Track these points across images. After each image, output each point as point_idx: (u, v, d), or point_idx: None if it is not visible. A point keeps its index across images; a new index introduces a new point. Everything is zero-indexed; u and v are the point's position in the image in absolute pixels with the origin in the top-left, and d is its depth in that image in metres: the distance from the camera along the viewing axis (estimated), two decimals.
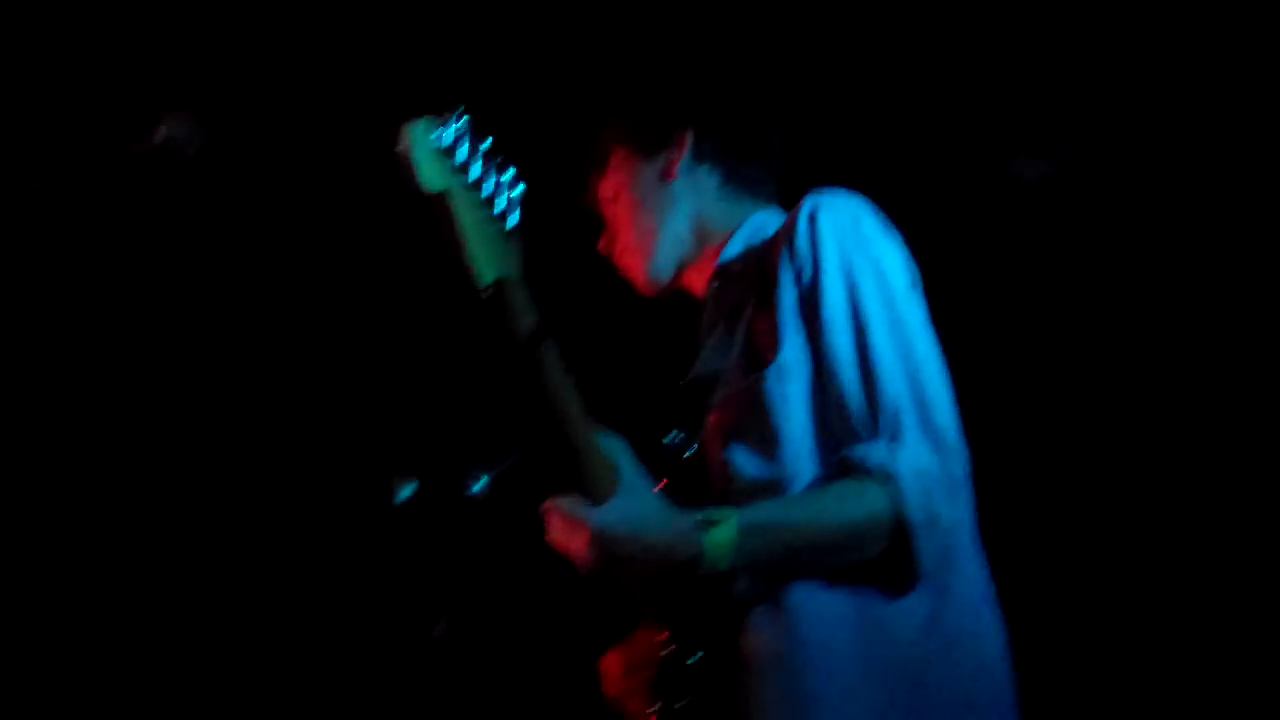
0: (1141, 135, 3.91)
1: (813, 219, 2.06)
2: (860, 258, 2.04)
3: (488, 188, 1.82)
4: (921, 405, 1.95)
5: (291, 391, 4.57)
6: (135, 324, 4.29)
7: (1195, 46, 3.64)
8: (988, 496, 2.05)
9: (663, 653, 2.00)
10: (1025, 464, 3.98)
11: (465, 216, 1.80)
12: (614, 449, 1.88)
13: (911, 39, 3.65)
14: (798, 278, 2.05)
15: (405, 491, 3.99)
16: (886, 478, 1.87)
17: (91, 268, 4.02)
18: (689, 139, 2.33)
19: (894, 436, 1.92)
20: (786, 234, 2.09)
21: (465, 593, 4.36)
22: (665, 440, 2.07)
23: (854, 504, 1.88)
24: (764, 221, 2.29)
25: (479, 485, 3.86)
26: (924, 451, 1.92)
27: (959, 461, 1.95)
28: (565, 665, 4.11)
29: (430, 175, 1.75)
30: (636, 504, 1.83)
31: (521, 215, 1.87)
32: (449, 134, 1.77)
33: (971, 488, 2.00)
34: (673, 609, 2.00)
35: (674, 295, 2.40)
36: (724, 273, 2.28)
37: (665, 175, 2.32)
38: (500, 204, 1.83)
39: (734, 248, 2.28)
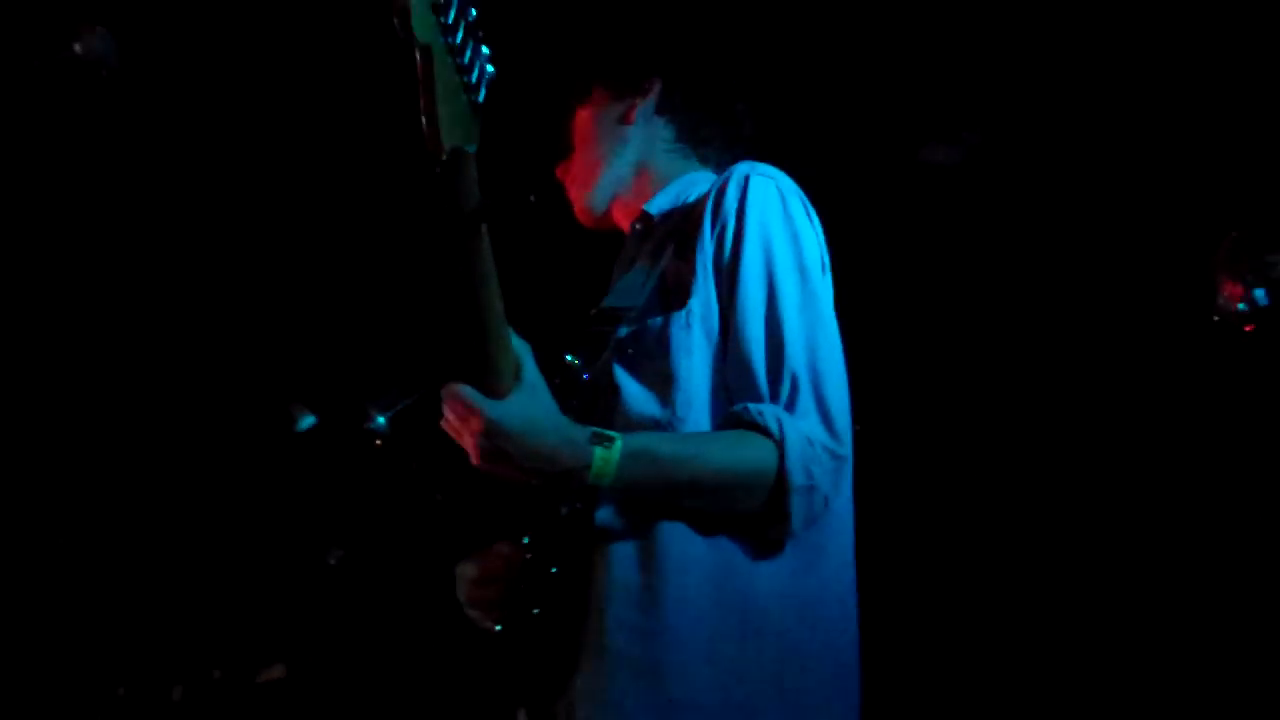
0: (1052, 124, 3.96)
1: (744, 186, 2.11)
2: (782, 232, 2.09)
3: (466, 56, 1.78)
4: (820, 382, 2.01)
5: (201, 314, 4.56)
6: (48, 241, 4.25)
7: (1105, 33, 3.68)
8: (882, 473, 2.09)
9: (522, 561, 2.02)
10: (909, 441, 4.05)
11: (440, 76, 1.75)
12: (521, 350, 1.86)
13: (825, 22, 3.68)
14: (720, 236, 2.10)
15: (305, 422, 4.04)
16: (776, 437, 1.92)
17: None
18: (654, 90, 2.41)
19: (790, 404, 1.98)
20: (716, 194, 2.14)
21: (361, 523, 4.42)
22: (565, 360, 2.09)
23: (740, 452, 1.92)
24: (696, 179, 2.36)
25: (380, 421, 3.93)
26: (815, 424, 1.97)
27: (846, 443, 2.00)
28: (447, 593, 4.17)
29: (420, 25, 1.69)
30: (535, 405, 1.82)
31: (487, 95, 1.82)
32: None
33: (851, 472, 2.06)
34: (539, 519, 2.02)
35: (603, 229, 2.47)
36: (647, 217, 2.34)
37: (624, 119, 2.40)
38: (474, 75, 1.80)
39: (664, 198, 2.35)
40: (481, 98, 1.80)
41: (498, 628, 2.04)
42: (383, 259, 4.53)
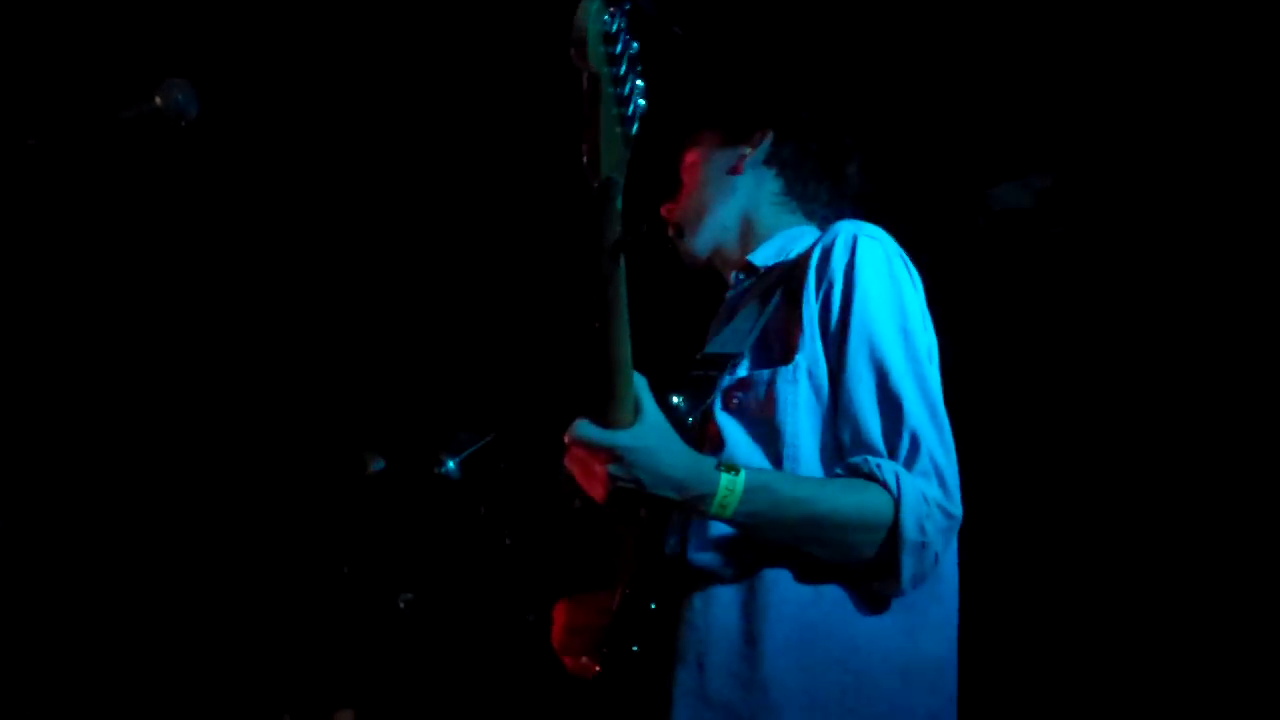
0: (1119, 165, 3.94)
1: (852, 247, 2.14)
2: (891, 294, 2.12)
3: (627, 87, 1.83)
4: (936, 443, 2.03)
5: (271, 364, 4.61)
6: (124, 290, 4.33)
7: (1175, 80, 3.67)
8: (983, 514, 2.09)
9: (620, 600, 2.04)
10: (1012, 501, 4.02)
11: (604, 106, 1.80)
12: (639, 384, 1.91)
13: (889, 64, 3.69)
14: (827, 295, 2.12)
15: (376, 466, 4.07)
16: (894, 491, 1.94)
17: (82, 229, 4.06)
18: (765, 141, 2.45)
19: (909, 463, 2.00)
20: (822, 251, 2.17)
21: (432, 567, 4.43)
22: (670, 402, 2.10)
23: (859, 498, 1.94)
24: (800, 234, 2.39)
25: (451, 464, 3.95)
26: (931, 484, 1.99)
27: (958, 503, 2.01)
28: (527, 641, 4.17)
29: (594, 53, 1.74)
30: (664, 432, 1.88)
31: (639, 128, 1.88)
32: (619, 21, 1.77)
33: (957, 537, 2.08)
34: (640, 558, 2.04)
35: (705, 274, 2.50)
36: (751, 268, 2.37)
37: (734, 168, 2.45)
38: (630, 108, 1.84)
39: (768, 249, 2.38)
40: (635, 130, 1.85)
41: (597, 668, 2.04)
42: (453, 303, 4.57)
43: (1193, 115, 3.73)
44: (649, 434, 1.86)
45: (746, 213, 2.43)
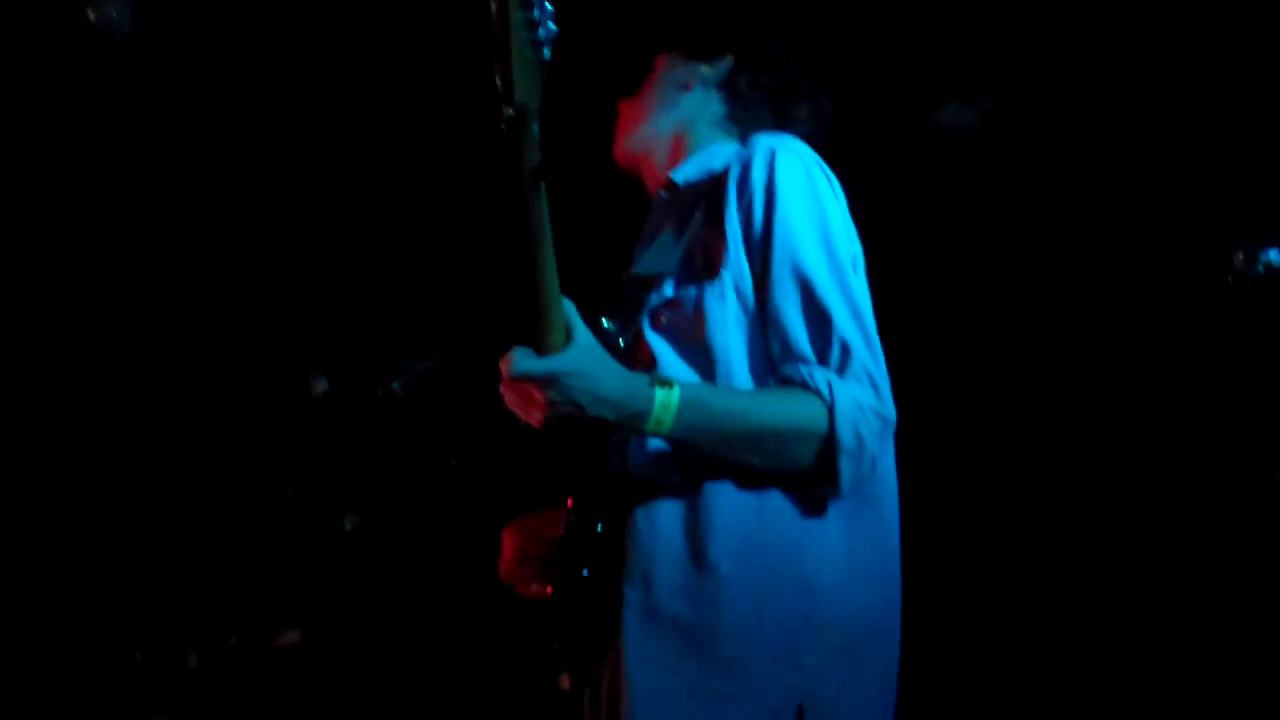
0: (1069, 87, 3.94)
1: (770, 161, 2.14)
2: (812, 206, 2.12)
3: (535, 11, 1.83)
4: (866, 349, 2.05)
5: (214, 285, 4.56)
6: (60, 210, 4.26)
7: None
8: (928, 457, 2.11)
9: (566, 525, 2.06)
10: (937, 418, 4.04)
11: (514, 31, 1.81)
12: (569, 309, 1.92)
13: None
14: (748, 207, 2.12)
15: (320, 387, 4.05)
16: (826, 399, 1.96)
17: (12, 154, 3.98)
18: (723, 65, 2.44)
19: (840, 369, 2.01)
20: (742, 167, 2.17)
21: (378, 489, 4.43)
22: (601, 324, 2.10)
23: (792, 407, 1.96)
24: (721, 150, 2.37)
25: (395, 386, 3.94)
26: (864, 389, 2.01)
27: (891, 407, 2.04)
28: (474, 561, 4.18)
29: None
30: (596, 354, 1.90)
31: (551, 54, 1.87)
32: None
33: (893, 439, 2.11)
34: (583, 479, 2.06)
35: (631, 179, 2.50)
36: (673, 185, 2.36)
37: (685, 84, 2.44)
38: (541, 31, 1.84)
39: (690, 167, 2.37)
40: (548, 55, 1.84)
41: (549, 591, 2.06)
42: (400, 223, 4.53)
43: (1139, 31, 3.73)
44: (582, 357, 1.87)
45: (682, 127, 2.42)
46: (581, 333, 1.90)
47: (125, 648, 4.53)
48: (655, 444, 2.02)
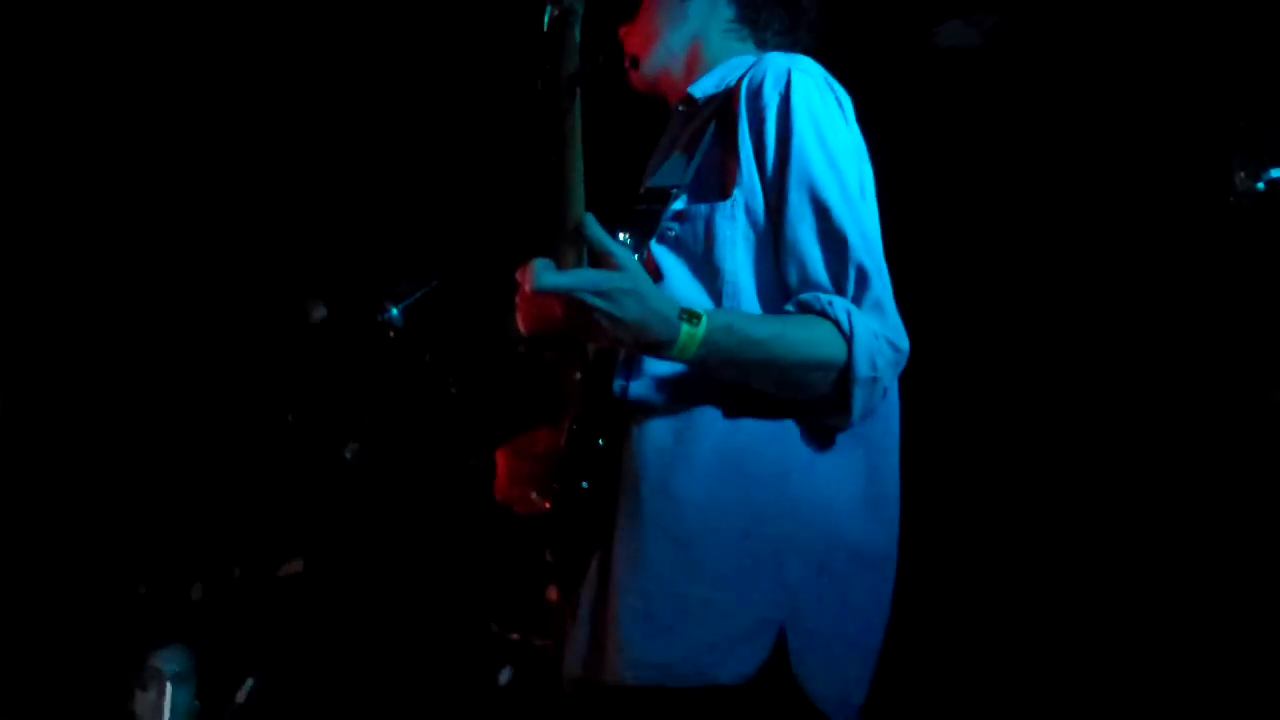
0: (1075, 6, 3.90)
1: (786, 78, 2.10)
2: (828, 128, 2.09)
3: None
4: (880, 277, 2.03)
5: (211, 215, 4.55)
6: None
7: None
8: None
9: (568, 438, 2.03)
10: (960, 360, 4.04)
11: None
12: (591, 223, 1.88)
13: None
14: (761, 128, 2.09)
15: (319, 315, 4.04)
16: (845, 329, 1.94)
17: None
18: None
19: (857, 298, 2.00)
20: (753, 85, 2.13)
21: (378, 416, 4.43)
22: (618, 238, 2.04)
23: (812, 336, 1.94)
24: (741, 63, 2.31)
25: (394, 312, 3.92)
26: (880, 319, 2.00)
27: (905, 340, 2.02)
28: (473, 486, 4.19)
29: None
30: (642, 272, 1.87)
31: None
32: None
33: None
34: (587, 397, 2.04)
35: (652, 99, 2.46)
36: (691, 100, 2.32)
37: None
38: None
39: (708, 80, 2.32)
40: None
41: (547, 505, 2.05)
42: (396, 147, 4.50)
43: None
44: (629, 273, 1.84)
45: (696, 39, 2.38)
46: (624, 253, 1.86)
47: (129, 580, 4.56)
48: (660, 368, 2.01)
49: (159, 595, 4.61)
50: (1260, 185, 3.53)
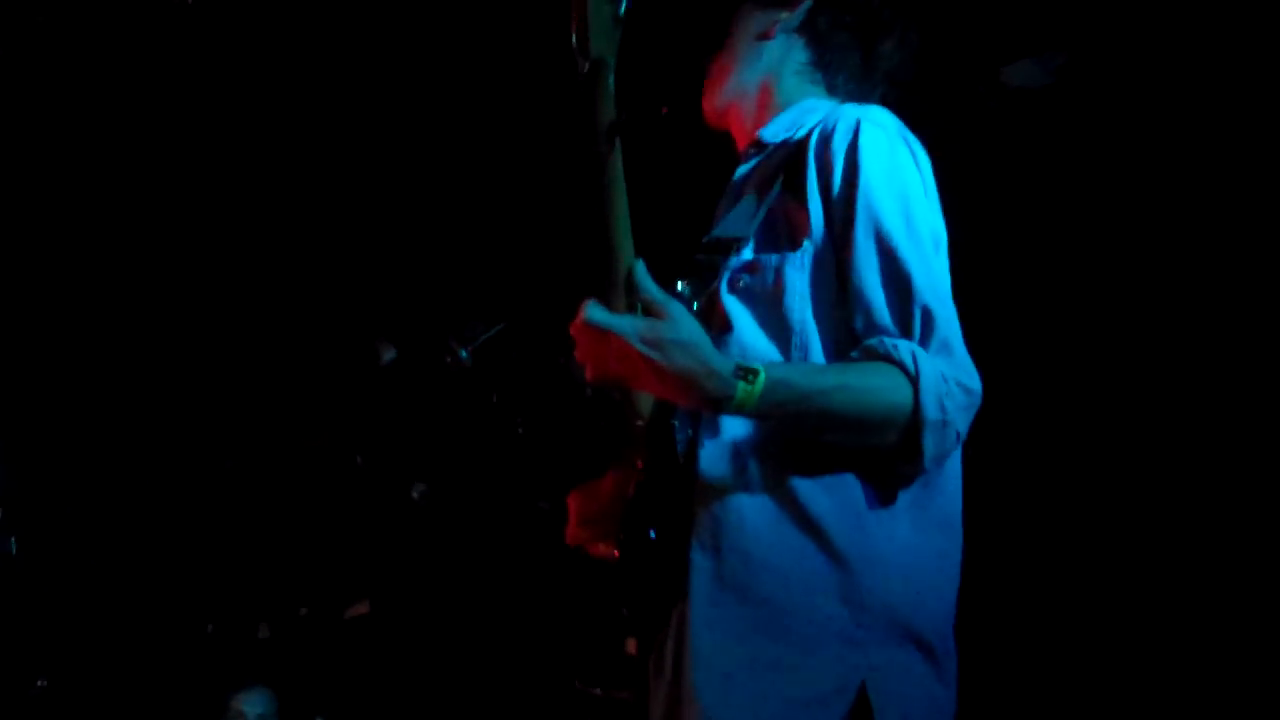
0: (1140, 40, 3.87)
1: (855, 128, 2.09)
2: (897, 179, 2.07)
3: None
4: (949, 320, 2.00)
5: (283, 256, 4.60)
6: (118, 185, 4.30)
7: None
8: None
9: (635, 487, 2.02)
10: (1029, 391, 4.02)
11: None
12: (640, 271, 1.89)
13: None
14: (829, 178, 2.08)
15: (388, 357, 4.07)
16: (911, 371, 1.90)
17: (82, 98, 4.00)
18: (801, 8, 2.37)
19: (924, 340, 1.97)
20: (823, 135, 2.12)
21: (446, 457, 4.45)
22: (675, 288, 2.06)
23: (877, 382, 1.91)
24: (814, 106, 2.31)
25: (463, 354, 3.95)
26: (948, 361, 1.96)
27: (977, 382, 1.98)
28: (541, 529, 4.19)
29: None
30: (693, 325, 1.86)
31: (629, 6, 1.88)
32: None
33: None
34: (653, 445, 2.03)
35: (722, 136, 2.45)
36: (760, 144, 2.32)
37: (765, 32, 2.37)
38: None
39: (778, 124, 2.31)
40: (624, 9, 1.85)
41: (616, 554, 2.04)
42: (467, 190, 4.54)
43: None
44: (685, 326, 1.83)
45: (768, 79, 2.37)
46: (674, 304, 1.85)
47: (198, 620, 4.59)
48: (725, 420, 1.99)
49: (227, 635, 4.63)
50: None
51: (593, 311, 1.83)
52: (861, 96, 2.32)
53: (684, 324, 1.83)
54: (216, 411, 4.64)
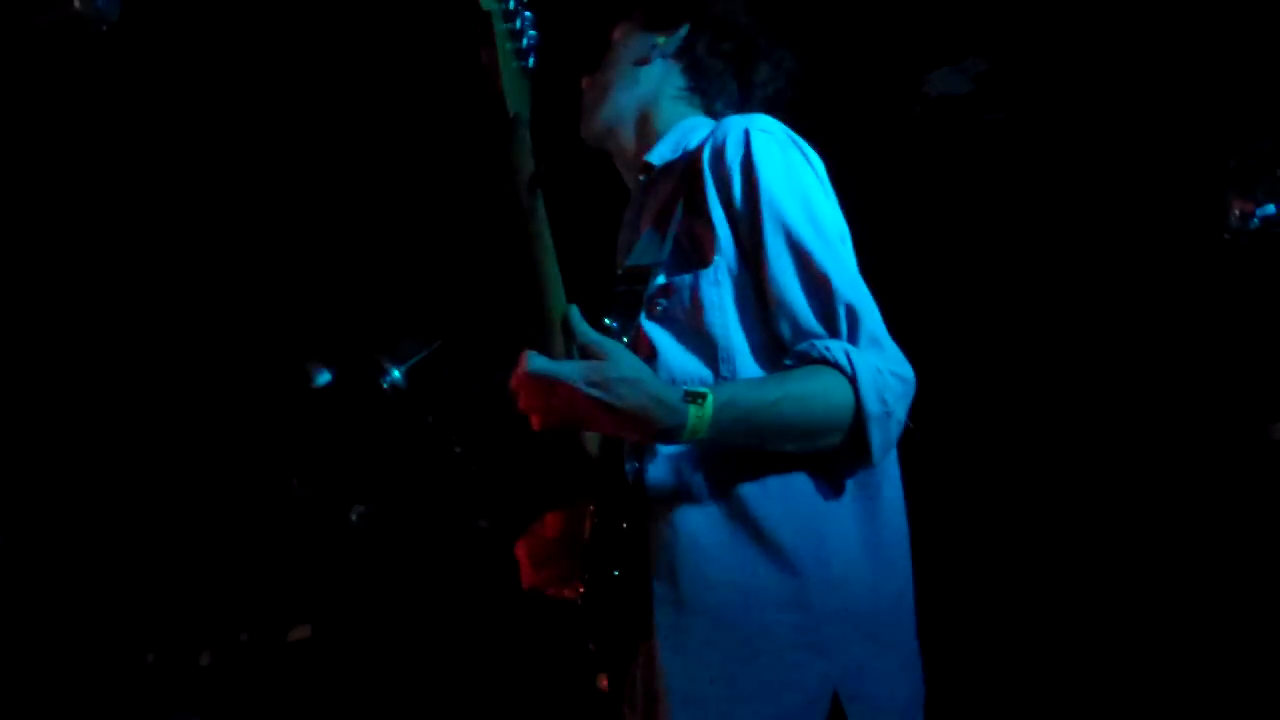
0: (1058, 46, 3.93)
1: (745, 138, 2.11)
2: (795, 181, 2.10)
3: (518, 22, 1.91)
4: (870, 316, 2.02)
5: (212, 278, 4.56)
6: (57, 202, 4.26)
7: None
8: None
9: (592, 527, 2.03)
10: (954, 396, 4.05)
11: (500, 44, 1.87)
12: (575, 315, 1.91)
13: None
14: (729, 190, 2.10)
15: (321, 379, 4.05)
16: (848, 370, 1.93)
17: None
18: (678, 34, 2.40)
19: (851, 336, 1.99)
20: (715, 149, 2.14)
21: (383, 478, 4.43)
22: (604, 323, 2.07)
23: (816, 386, 1.93)
24: (695, 124, 2.34)
25: (396, 374, 3.93)
26: (879, 354, 1.99)
27: (908, 369, 2.01)
28: (481, 548, 4.19)
29: None
30: (634, 361, 1.87)
31: (536, 61, 1.94)
32: None
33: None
34: (606, 479, 2.03)
35: (600, 156, 2.48)
36: (649, 168, 2.33)
37: (643, 58, 2.40)
38: (524, 41, 1.92)
39: (664, 146, 2.33)
40: (531, 63, 1.85)
41: (581, 591, 2.05)
42: (397, 211, 4.53)
43: None
44: (626, 363, 1.85)
45: (645, 104, 2.39)
46: (611, 343, 1.88)
47: (137, 647, 4.54)
48: (671, 450, 2.00)
49: (168, 662, 4.58)
50: (1255, 222, 3.55)
51: (534, 361, 1.83)
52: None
53: (624, 361, 1.85)
54: (152, 438, 4.59)
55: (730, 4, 2.45)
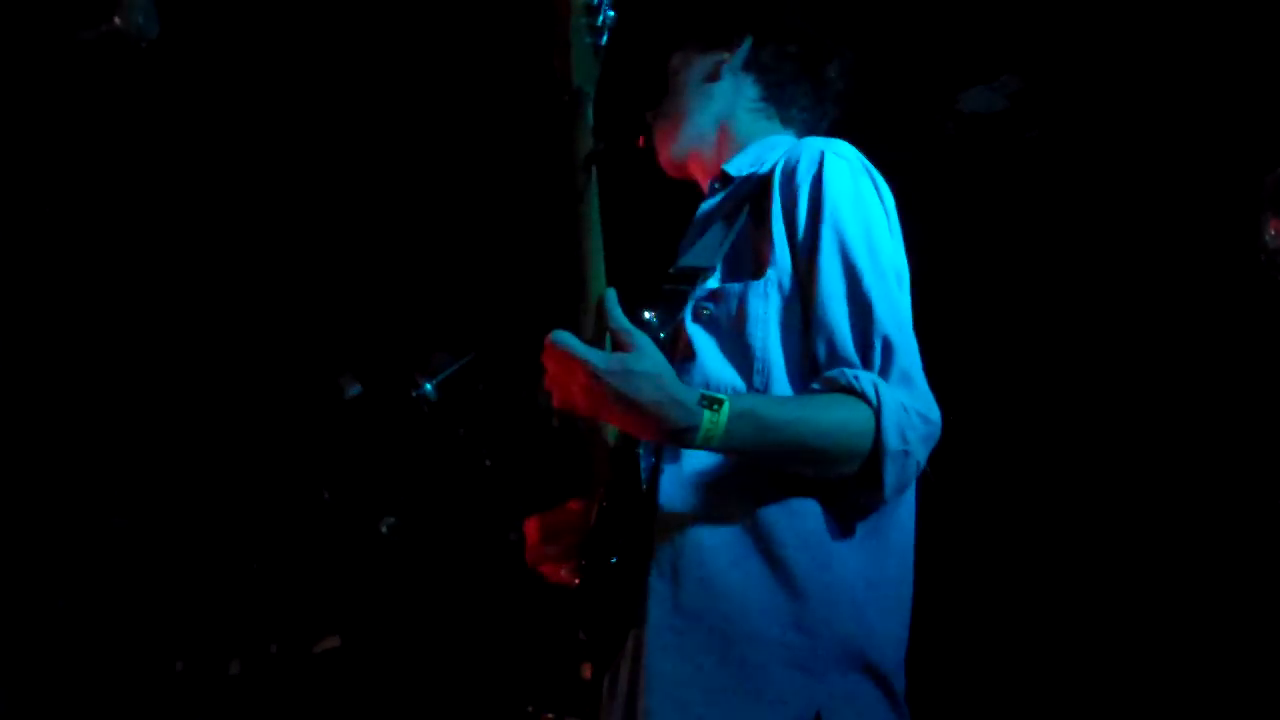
0: (1093, 64, 3.92)
1: (819, 160, 2.12)
2: (860, 210, 2.10)
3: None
4: (907, 353, 2.03)
5: (245, 290, 4.59)
6: (82, 212, 4.28)
7: None
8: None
9: (597, 513, 2.04)
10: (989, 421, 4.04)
11: (572, 16, 1.87)
12: (611, 300, 1.93)
13: None
14: (794, 208, 2.11)
15: (352, 391, 4.06)
16: (873, 402, 1.93)
17: (40, 154, 4.00)
18: (743, 47, 2.42)
19: (884, 371, 1.99)
20: (787, 165, 2.16)
21: (413, 491, 4.44)
22: (643, 317, 2.09)
23: (839, 414, 1.93)
24: (776, 142, 2.35)
25: (428, 387, 3.94)
26: (908, 391, 1.99)
27: (936, 412, 2.01)
28: (510, 561, 4.18)
29: None
30: (658, 357, 1.88)
31: (610, 39, 1.93)
32: None
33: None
34: (619, 470, 2.04)
35: (683, 182, 2.49)
36: (726, 177, 2.35)
37: (712, 75, 2.42)
38: (600, 18, 1.90)
39: (743, 159, 2.35)
40: (605, 41, 1.90)
41: (576, 580, 2.05)
42: (432, 223, 4.55)
43: (1165, 9, 3.71)
44: (650, 358, 1.86)
45: (723, 120, 2.41)
46: (641, 336, 1.89)
47: (167, 657, 4.56)
48: (689, 451, 1.99)
49: (196, 672, 4.60)
50: None
51: (560, 336, 1.87)
52: (814, 124, 2.39)
53: (649, 355, 1.86)
54: (185, 449, 4.62)
55: (786, 11, 2.47)
